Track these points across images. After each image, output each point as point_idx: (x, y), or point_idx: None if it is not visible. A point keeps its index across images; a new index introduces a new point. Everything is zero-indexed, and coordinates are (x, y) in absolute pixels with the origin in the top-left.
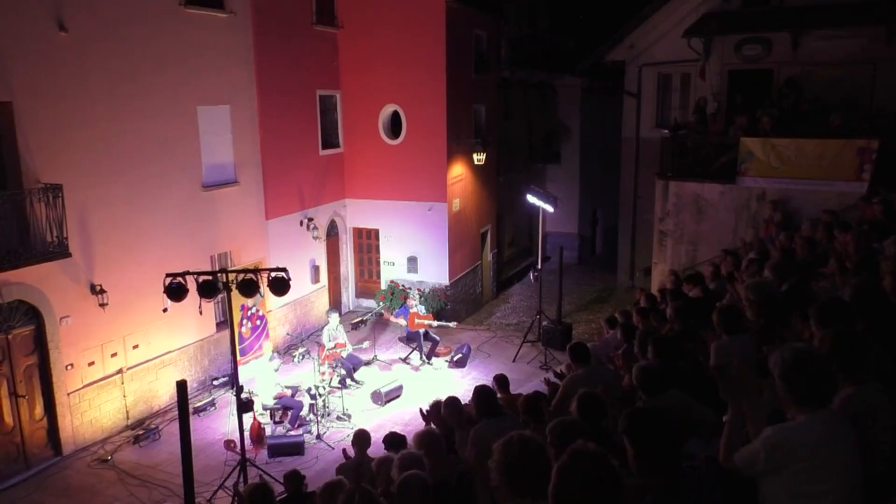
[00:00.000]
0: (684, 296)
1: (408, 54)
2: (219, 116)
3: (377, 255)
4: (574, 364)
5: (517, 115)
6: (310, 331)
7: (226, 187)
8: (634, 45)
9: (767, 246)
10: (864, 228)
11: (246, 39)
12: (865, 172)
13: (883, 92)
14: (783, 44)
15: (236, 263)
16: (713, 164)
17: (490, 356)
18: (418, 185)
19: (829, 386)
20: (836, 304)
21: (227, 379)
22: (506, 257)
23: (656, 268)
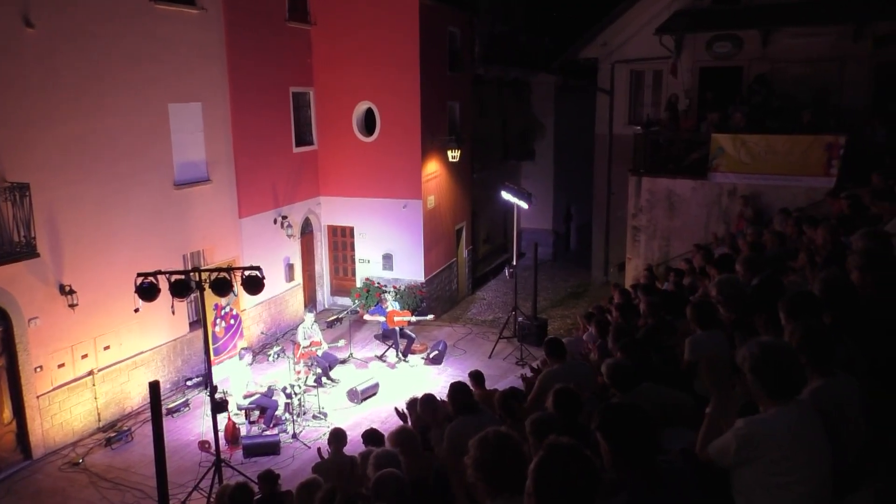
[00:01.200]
0: (657, 290)
1: (382, 51)
2: (190, 114)
3: (352, 253)
4: (550, 359)
5: (492, 113)
6: (285, 329)
7: (198, 185)
8: (607, 43)
9: (738, 240)
10: (832, 223)
11: (218, 36)
12: (833, 168)
13: (850, 89)
14: (753, 41)
15: (209, 262)
16: (685, 160)
17: (466, 353)
18: (393, 182)
19: (798, 378)
20: (805, 297)
21: (200, 379)
22: (481, 254)
23: (630, 263)
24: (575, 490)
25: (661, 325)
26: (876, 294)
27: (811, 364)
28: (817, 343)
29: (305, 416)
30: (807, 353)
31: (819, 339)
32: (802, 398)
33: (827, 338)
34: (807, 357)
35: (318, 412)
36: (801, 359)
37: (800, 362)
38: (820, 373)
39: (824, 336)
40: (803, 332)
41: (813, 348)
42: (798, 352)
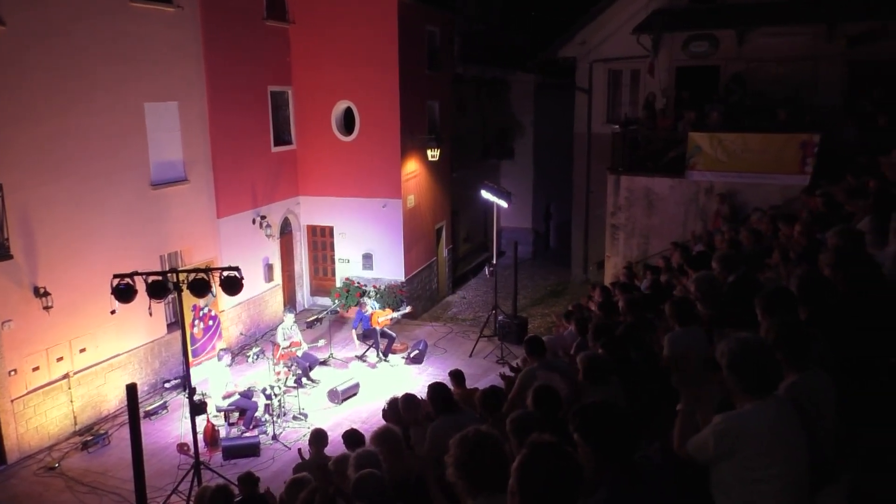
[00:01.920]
0: (636, 288)
1: (360, 50)
2: (167, 113)
3: (332, 253)
4: (530, 357)
5: (471, 111)
6: (264, 330)
7: (175, 185)
8: (585, 42)
9: (716, 238)
10: (806, 220)
11: (194, 34)
12: (808, 166)
13: (824, 87)
14: (729, 41)
15: (187, 263)
16: (663, 158)
17: (447, 352)
18: (372, 181)
19: (774, 374)
20: (780, 293)
21: (179, 381)
22: (461, 253)
23: (609, 261)
24: (559, 488)
25: (640, 323)
26: (847, 291)
27: (787, 360)
28: (794, 339)
29: (285, 417)
30: (783, 348)
31: (795, 335)
32: (779, 394)
33: (803, 334)
34: (783, 353)
35: (299, 413)
36: (778, 354)
37: (775, 359)
38: (796, 368)
39: (801, 332)
40: (780, 328)
41: (789, 344)
42: (774, 348)
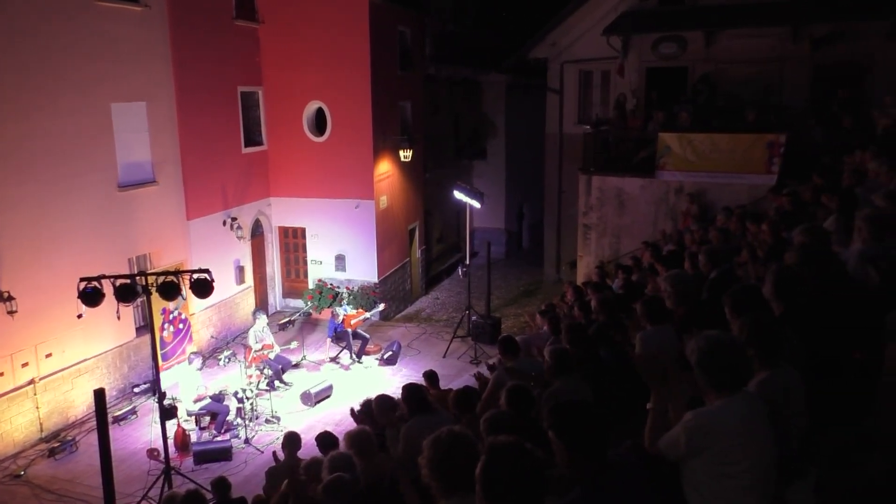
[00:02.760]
0: (608, 287)
1: (331, 50)
2: (135, 113)
3: (304, 255)
4: (504, 357)
5: (443, 112)
6: (235, 333)
7: (143, 187)
8: (556, 43)
9: (685, 237)
10: (773, 219)
11: (162, 34)
12: (774, 165)
13: (790, 88)
14: (697, 42)
15: (156, 265)
16: (633, 158)
17: (420, 353)
18: (345, 182)
19: (743, 371)
20: (748, 291)
21: (148, 385)
22: (434, 253)
23: (581, 261)
24: (520, 487)
25: (613, 322)
26: (813, 288)
27: (759, 357)
28: (766, 336)
29: (258, 421)
30: (756, 345)
31: (768, 333)
32: (749, 390)
33: (775, 331)
34: (755, 350)
35: (271, 416)
36: (749, 351)
37: (745, 356)
38: (767, 365)
39: (773, 329)
40: (753, 325)
41: (762, 341)
42: (747, 345)
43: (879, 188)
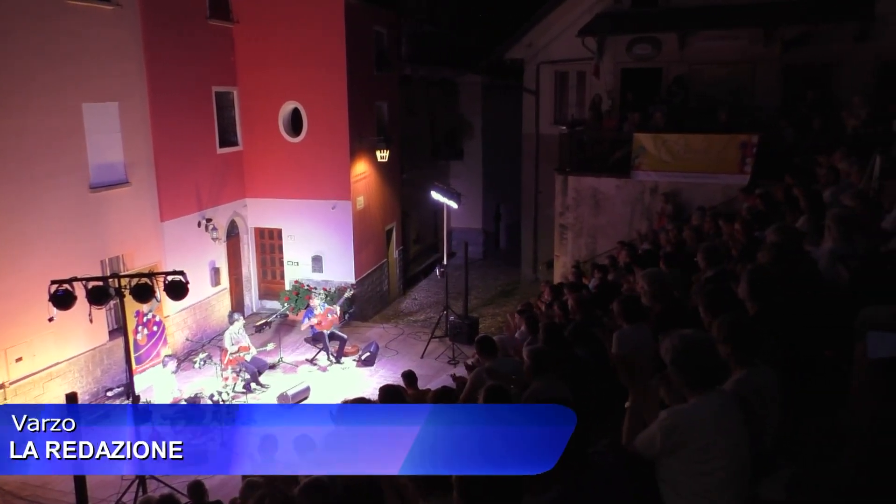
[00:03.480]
0: (584, 287)
1: (307, 51)
2: (106, 114)
3: (280, 256)
4: (481, 357)
5: (420, 112)
6: (211, 335)
7: (116, 188)
8: (532, 44)
9: (660, 236)
10: (746, 219)
11: (135, 33)
12: (747, 166)
13: (762, 90)
14: (671, 44)
15: (129, 268)
16: (609, 159)
17: (398, 353)
18: (321, 183)
19: (717, 369)
20: (723, 291)
21: (122, 389)
22: (412, 254)
23: (558, 260)
24: (498, 487)
25: (589, 321)
26: (785, 287)
27: (735, 355)
28: (743, 335)
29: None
30: (732, 345)
31: (744, 332)
32: (724, 387)
33: (752, 330)
34: (732, 349)
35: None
36: (726, 350)
37: (718, 354)
38: (744, 364)
39: (749, 328)
40: (730, 324)
41: (738, 340)
42: (724, 344)
43: (853, 188)
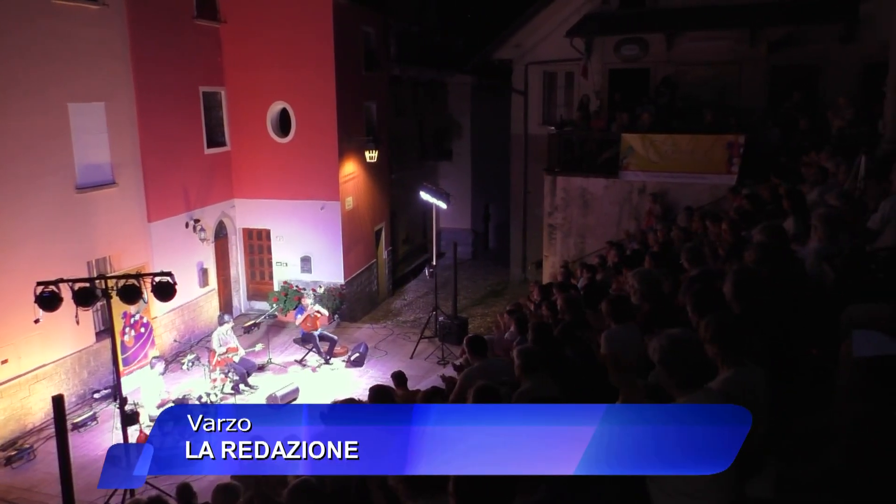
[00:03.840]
0: (573, 287)
1: (295, 51)
2: (93, 114)
3: (269, 256)
4: (471, 357)
5: (408, 113)
6: (199, 336)
7: (102, 189)
8: (520, 45)
9: (648, 236)
10: (733, 218)
11: (121, 33)
12: (734, 166)
13: (748, 90)
14: (658, 44)
15: (116, 269)
16: (597, 159)
17: (387, 354)
18: (310, 183)
19: (704, 368)
20: (710, 291)
21: (109, 391)
22: (401, 254)
23: (547, 260)
24: (492, 486)
25: (578, 321)
26: (772, 286)
27: (724, 355)
28: (731, 335)
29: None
30: (721, 344)
31: (733, 332)
32: (712, 387)
33: (740, 330)
34: (720, 349)
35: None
36: (714, 350)
37: (705, 353)
38: (732, 363)
39: (738, 328)
40: (717, 324)
41: (727, 340)
42: (711, 344)
43: (839, 188)
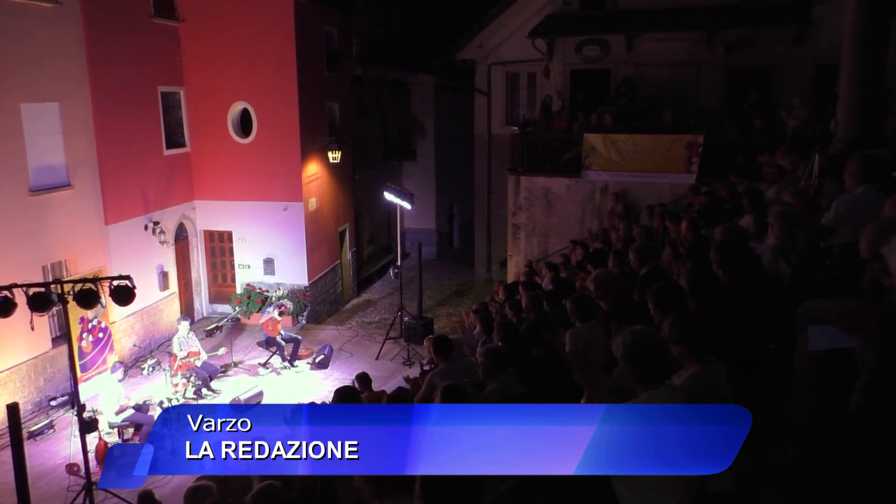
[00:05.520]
0: (538, 286)
1: (256, 50)
2: (47, 115)
3: (231, 259)
4: (436, 357)
5: (372, 113)
6: (160, 341)
7: (57, 191)
8: (483, 45)
9: (611, 235)
10: (693, 217)
11: (76, 32)
12: (694, 165)
13: (706, 90)
14: (619, 45)
15: (73, 273)
16: (560, 159)
17: (353, 355)
18: (272, 184)
19: (666, 365)
20: (671, 288)
21: (66, 398)
22: (365, 255)
23: (511, 260)
24: (459, 486)
25: (543, 320)
26: (731, 283)
27: (688, 352)
28: (695, 332)
29: None
30: (685, 342)
31: (697, 329)
32: (675, 383)
33: (704, 327)
34: (685, 346)
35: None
36: (679, 347)
37: (667, 350)
38: (696, 360)
39: (701, 325)
40: (681, 322)
41: (691, 337)
42: (676, 341)
43: (795, 186)
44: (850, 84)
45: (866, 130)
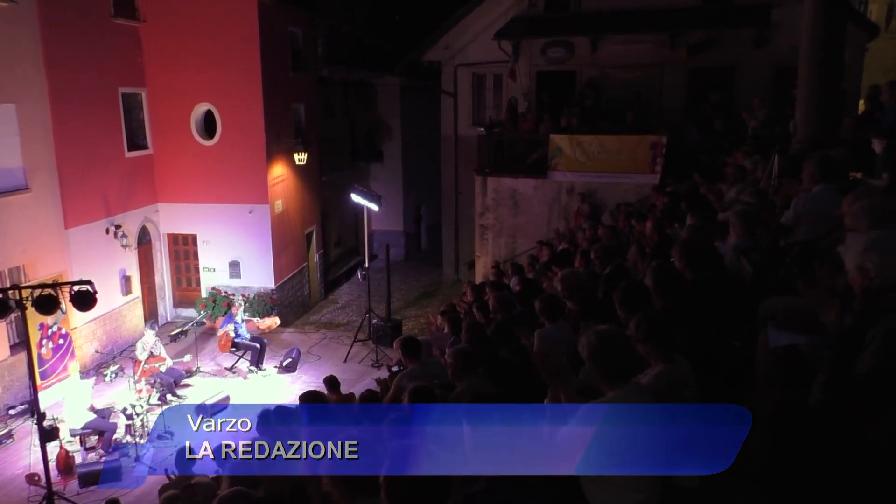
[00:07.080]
0: (505, 286)
1: (219, 51)
2: (3, 117)
3: (196, 262)
4: (404, 359)
5: (338, 115)
6: (123, 346)
7: (14, 194)
8: (449, 47)
9: (577, 235)
10: (658, 216)
11: (32, 32)
12: (657, 165)
13: (669, 92)
14: (584, 47)
15: (32, 278)
16: (526, 160)
17: (321, 358)
18: (237, 186)
19: (631, 363)
20: (637, 288)
21: (26, 406)
22: (333, 257)
23: (479, 261)
24: (425, 487)
25: (511, 320)
26: (694, 281)
27: (654, 351)
28: (661, 332)
29: (150, 437)
30: (651, 341)
31: (662, 328)
32: (641, 381)
33: (669, 326)
34: (651, 345)
35: (164, 431)
36: (646, 347)
37: (633, 348)
38: (662, 359)
39: (667, 325)
40: (648, 321)
41: (657, 337)
42: (643, 341)
43: (755, 185)
44: (808, 85)
45: (824, 131)
